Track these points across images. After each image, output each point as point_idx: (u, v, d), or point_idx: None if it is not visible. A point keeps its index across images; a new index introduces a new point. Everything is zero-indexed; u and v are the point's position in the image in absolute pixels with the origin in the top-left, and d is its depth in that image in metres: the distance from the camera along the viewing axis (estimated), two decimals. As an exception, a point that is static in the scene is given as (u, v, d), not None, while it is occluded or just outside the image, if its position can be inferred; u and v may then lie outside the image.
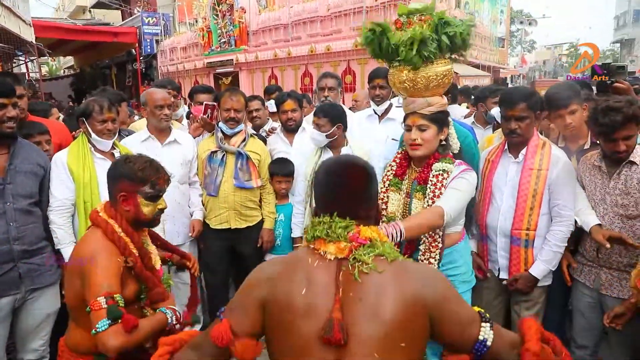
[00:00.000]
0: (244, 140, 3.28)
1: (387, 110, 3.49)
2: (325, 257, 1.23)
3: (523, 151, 2.46)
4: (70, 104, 15.91)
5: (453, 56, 2.22)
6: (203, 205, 3.34)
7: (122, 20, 21.40)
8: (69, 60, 27.07)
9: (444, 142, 2.26)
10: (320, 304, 1.17)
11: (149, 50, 17.46)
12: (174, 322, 1.79)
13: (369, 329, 1.14)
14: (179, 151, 3.22)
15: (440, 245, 2.17)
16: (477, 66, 13.38)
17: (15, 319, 2.41)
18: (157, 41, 17.48)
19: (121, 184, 1.82)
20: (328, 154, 3.10)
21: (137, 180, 1.81)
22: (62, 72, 29.04)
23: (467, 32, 2.11)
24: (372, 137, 3.38)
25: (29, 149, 2.49)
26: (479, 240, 2.64)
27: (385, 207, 2.29)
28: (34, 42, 11.32)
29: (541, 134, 2.73)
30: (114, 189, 1.85)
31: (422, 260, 2.17)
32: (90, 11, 25.09)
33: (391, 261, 1.22)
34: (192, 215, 3.30)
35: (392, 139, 3.35)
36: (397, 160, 2.38)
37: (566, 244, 2.43)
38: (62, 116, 4.78)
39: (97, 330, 1.52)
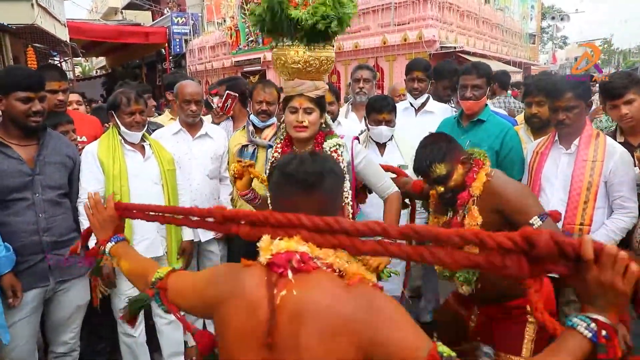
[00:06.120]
0: (276, 133, 3.19)
1: (423, 104, 3.38)
2: None
3: (575, 142, 2.31)
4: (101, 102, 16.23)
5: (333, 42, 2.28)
6: (232, 202, 3.27)
7: (152, 20, 21.74)
8: (101, 60, 27.64)
9: (324, 125, 2.32)
10: None
11: (178, 50, 17.65)
12: None
13: None
14: (210, 145, 3.15)
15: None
16: (507, 62, 13.05)
17: (46, 311, 2.41)
18: (186, 41, 17.66)
19: None
20: (374, 148, 3.05)
21: None
22: (95, 73, 29.73)
23: (353, 13, 2.19)
24: (408, 131, 3.26)
25: (59, 140, 2.46)
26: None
27: None
28: (68, 42, 11.56)
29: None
30: None
31: None
32: (122, 12, 25.55)
33: None
34: (220, 214, 3.23)
35: (430, 133, 3.23)
36: (280, 149, 2.34)
37: (624, 235, 2.28)
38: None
39: None
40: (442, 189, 2.04)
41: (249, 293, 1.08)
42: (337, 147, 2.27)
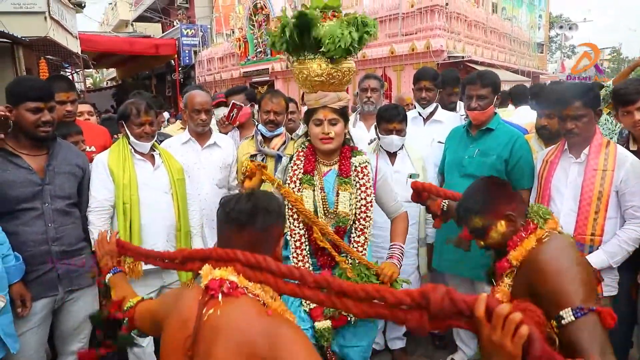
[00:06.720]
0: (284, 143, 3.20)
1: (432, 113, 3.39)
2: None
3: (585, 151, 2.29)
4: (111, 113, 16.41)
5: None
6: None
7: (162, 32, 22.01)
8: (112, 72, 28.06)
9: (348, 137, 2.35)
10: None
11: (187, 61, 17.85)
12: None
13: None
14: (219, 154, 3.17)
15: (370, 227, 2.29)
16: (515, 71, 13.01)
17: (55, 321, 2.41)
18: (195, 52, 17.86)
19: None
20: (385, 157, 3.06)
21: None
22: (105, 84, 30.10)
23: (375, 33, 2.23)
24: (417, 140, 3.25)
25: (68, 150, 2.48)
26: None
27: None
28: (80, 54, 11.74)
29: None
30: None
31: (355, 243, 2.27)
32: (132, 25, 25.92)
33: None
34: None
35: (438, 142, 3.23)
36: (303, 158, 2.32)
37: (636, 246, 2.23)
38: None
39: None
40: (482, 243, 1.76)
41: (184, 310, 1.22)
42: (366, 164, 2.30)
